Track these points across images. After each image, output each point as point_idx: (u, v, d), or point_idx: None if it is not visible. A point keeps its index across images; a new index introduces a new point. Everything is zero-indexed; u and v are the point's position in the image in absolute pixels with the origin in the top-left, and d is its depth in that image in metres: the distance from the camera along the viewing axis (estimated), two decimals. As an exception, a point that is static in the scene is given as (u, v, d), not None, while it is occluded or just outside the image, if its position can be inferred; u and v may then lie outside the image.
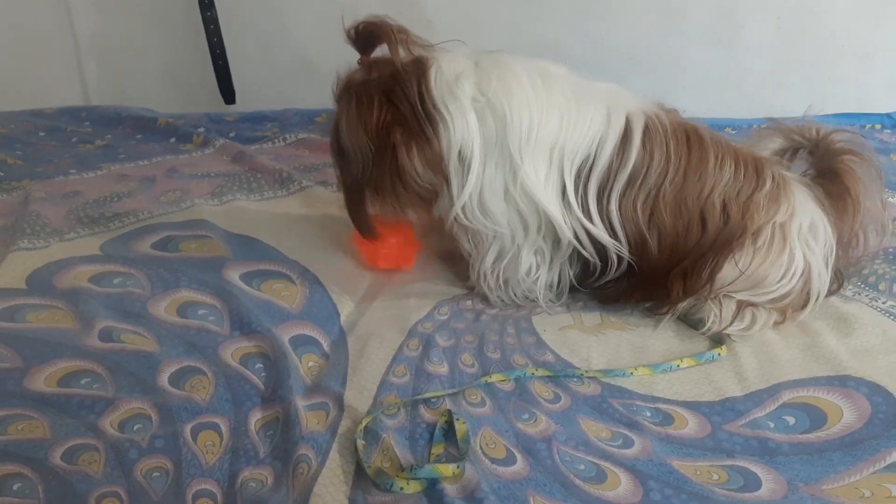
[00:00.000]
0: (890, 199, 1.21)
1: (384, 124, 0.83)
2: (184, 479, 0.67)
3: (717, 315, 0.87)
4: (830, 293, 0.93)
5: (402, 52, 0.83)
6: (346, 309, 0.93)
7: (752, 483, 0.67)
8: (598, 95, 0.87)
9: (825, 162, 0.94)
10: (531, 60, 0.88)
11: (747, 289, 0.88)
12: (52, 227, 1.09)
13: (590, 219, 0.86)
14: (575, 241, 0.87)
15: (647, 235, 0.86)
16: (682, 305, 0.89)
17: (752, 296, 0.88)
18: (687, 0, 1.67)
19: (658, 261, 0.87)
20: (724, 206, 0.86)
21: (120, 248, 1.04)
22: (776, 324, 0.88)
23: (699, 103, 1.65)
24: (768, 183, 0.87)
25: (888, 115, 1.58)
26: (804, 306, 0.89)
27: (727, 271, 0.86)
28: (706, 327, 0.88)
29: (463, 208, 0.86)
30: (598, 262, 0.88)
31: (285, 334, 0.86)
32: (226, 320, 0.89)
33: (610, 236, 0.86)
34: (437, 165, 0.84)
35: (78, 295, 0.92)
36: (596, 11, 1.72)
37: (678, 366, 0.83)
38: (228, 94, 1.79)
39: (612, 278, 0.90)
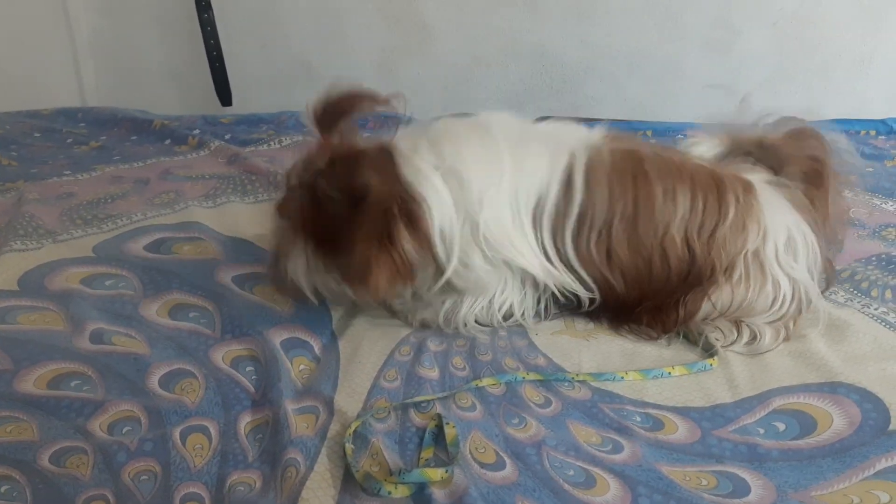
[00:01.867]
0: (883, 206, 1.22)
1: (381, 197, 0.79)
2: (172, 483, 0.67)
3: (721, 334, 0.87)
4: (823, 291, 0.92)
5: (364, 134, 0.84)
6: (338, 313, 0.93)
7: (741, 489, 0.67)
8: (541, 136, 0.87)
9: (785, 167, 0.92)
10: (470, 118, 0.88)
11: (739, 317, 0.87)
12: (45, 229, 1.09)
13: (550, 262, 0.85)
14: (553, 287, 0.86)
15: (610, 276, 0.85)
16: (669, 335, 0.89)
17: (748, 320, 0.87)
18: (684, 7, 1.68)
19: (627, 298, 0.87)
20: (687, 243, 0.84)
21: (113, 249, 1.04)
22: (784, 340, 0.87)
23: (696, 109, 1.66)
24: (731, 211, 0.84)
25: (882, 122, 1.58)
26: (800, 313, 0.88)
27: (706, 309, 0.86)
28: (713, 348, 0.86)
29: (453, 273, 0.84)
30: (574, 301, 0.89)
31: (277, 337, 0.86)
32: (217, 323, 0.89)
33: (575, 278, 0.86)
34: (427, 243, 0.81)
35: (69, 297, 0.92)
36: (593, 17, 1.73)
37: (669, 373, 0.83)
38: (225, 96, 1.79)
39: (586, 311, 0.90)
